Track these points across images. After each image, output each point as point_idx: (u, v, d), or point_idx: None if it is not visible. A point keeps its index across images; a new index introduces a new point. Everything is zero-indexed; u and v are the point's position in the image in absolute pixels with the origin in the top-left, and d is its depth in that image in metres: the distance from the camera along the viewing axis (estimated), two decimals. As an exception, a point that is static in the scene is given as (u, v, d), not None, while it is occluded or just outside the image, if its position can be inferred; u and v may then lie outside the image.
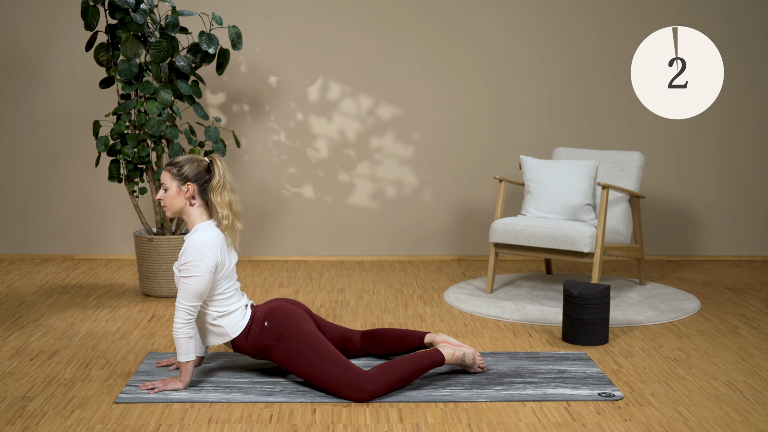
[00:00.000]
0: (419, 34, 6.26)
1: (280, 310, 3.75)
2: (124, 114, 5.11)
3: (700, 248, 6.52)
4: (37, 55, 6.18)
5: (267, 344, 3.70)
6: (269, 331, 3.70)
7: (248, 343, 3.73)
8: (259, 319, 3.74)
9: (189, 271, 3.61)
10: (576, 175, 5.31)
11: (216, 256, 3.64)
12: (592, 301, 4.34)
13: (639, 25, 6.30)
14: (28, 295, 5.27)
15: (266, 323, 3.71)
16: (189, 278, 3.61)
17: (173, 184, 3.73)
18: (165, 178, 3.74)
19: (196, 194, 3.73)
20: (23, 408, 3.50)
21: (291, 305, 3.81)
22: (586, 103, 6.36)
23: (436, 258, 6.43)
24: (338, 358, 3.61)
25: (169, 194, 3.73)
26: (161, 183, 3.77)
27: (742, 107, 6.41)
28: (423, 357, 3.72)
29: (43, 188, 6.28)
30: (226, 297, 3.73)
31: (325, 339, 3.70)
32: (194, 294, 3.61)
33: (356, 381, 3.55)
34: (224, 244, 3.72)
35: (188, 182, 3.72)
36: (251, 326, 3.74)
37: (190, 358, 3.65)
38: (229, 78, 6.24)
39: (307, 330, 3.69)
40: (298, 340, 3.66)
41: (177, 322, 3.62)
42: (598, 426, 3.36)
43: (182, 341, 3.63)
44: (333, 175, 6.34)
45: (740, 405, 3.59)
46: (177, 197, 3.73)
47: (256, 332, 3.72)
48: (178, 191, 3.72)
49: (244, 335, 3.74)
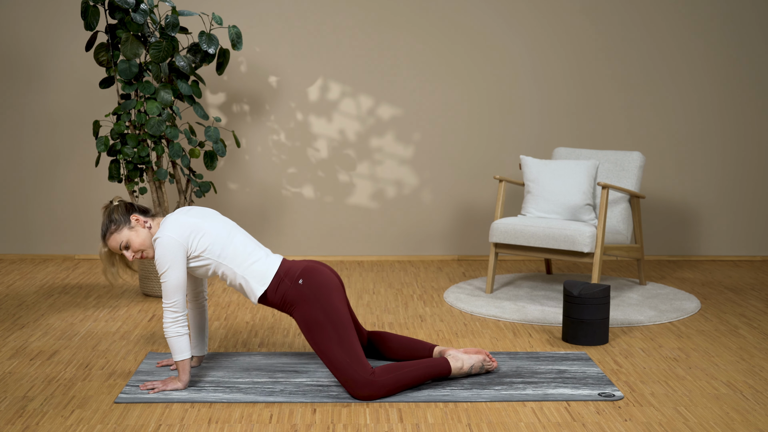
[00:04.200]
0: (419, 34, 6.27)
1: (318, 274, 3.69)
2: (124, 114, 5.11)
3: (700, 248, 6.52)
4: (37, 55, 6.18)
5: (294, 302, 3.65)
6: (301, 289, 3.65)
7: (277, 295, 3.68)
8: (294, 274, 3.68)
9: (160, 268, 3.61)
10: (576, 175, 5.31)
11: (176, 238, 3.60)
12: (592, 301, 4.34)
13: (639, 25, 6.30)
14: (28, 295, 5.27)
15: (300, 281, 3.66)
16: (163, 275, 3.60)
17: (126, 236, 3.69)
18: (115, 242, 3.69)
19: (140, 219, 3.72)
20: (23, 408, 3.50)
21: (329, 271, 3.74)
22: (586, 103, 6.36)
23: (436, 258, 6.43)
24: (354, 348, 3.58)
25: (135, 243, 3.69)
26: (123, 252, 3.71)
27: (742, 107, 6.41)
28: (430, 367, 3.70)
29: (43, 188, 6.28)
30: (242, 252, 3.68)
31: (351, 323, 3.64)
32: (173, 289, 3.59)
33: (362, 379, 3.54)
34: (185, 220, 3.66)
35: (130, 219, 3.70)
36: (284, 279, 3.68)
37: (185, 356, 3.64)
38: (229, 78, 6.24)
39: (337, 306, 3.64)
40: (324, 312, 3.61)
41: (164, 322, 3.62)
42: (598, 426, 3.36)
43: (173, 340, 3.62)
44: (333, 175, 6.34)
45: (740, 405, 3.59)
46: (140, 237, 3.70)
47: (288, 286, 3.66)
48: (133, 232, 3.70)
49: (275, 286, 3.68)
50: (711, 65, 6.37)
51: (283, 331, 4.60)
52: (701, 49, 6.35)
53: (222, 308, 5.03)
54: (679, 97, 6.39)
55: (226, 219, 3.80)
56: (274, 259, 3.74)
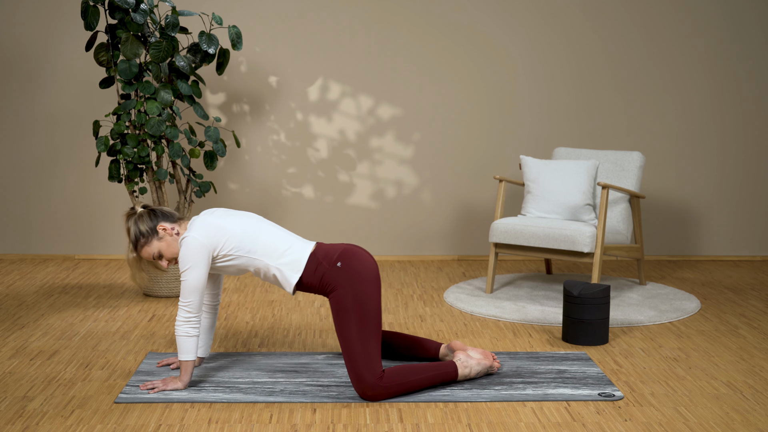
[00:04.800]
0: (419, 34, 6.27)
1: (357, 259, 3.67)
2: (124, 114, 5.11)
3: (700, 248, 6.52)
4: (37, 55, 6.18)
5: (332, 284, 3.64)
6: (339, 272, 3.64)
7: (315, 277, 3.66)
8: (333, 257, 3.67)
9: (182, 266, 3.62)
10: (576, 175, 5.31)
11: (200, 239, 3.61)
12: (592, 301, 4.34)
13: (639, 25, 6.30)
14: (28, 295, 5.27)
15: (339, 264, 3.65)
16: (183, 273, 3.61)
17: (156, 247, 3.72)
18: (147, 254, 3.72)
19: (167, 228, 3.72)
20: (23, 408, 3.50)
21: (368, 257, 3.71)
22: (586, 103, 6.36)
23: (436, 258, 6.43)
24: (370, 345, 3.57)
25: (167, 253, 3.73)
26: (153, 260, 3.75)
27: (742, 107, 6.41)
28: (439, 376, 3.70)
29: (43, 188, 6.28)
30: (272, 244, 3.69)
31: (378, 317, 3.62)
32: (190, 289, 3.60)
33: (369, 379, 3.54)
34: (212, 221, 3.67)
35: (157, 230, 3.71)
36: (322, 261, 3.67)
37: (190, 358, 3.64)
38: (229, 78, 6.24)
39: (369, 295, 3.62)
40: (355, 299, 3.60)
41: (177, 319, 3.63)
42: (598, 426, 3.36)
43: (181, 339, 3.62)
44: (333, 175, 6.34)
45: (740, 405, 3.59)
46: (170, 246, 3.73)
47: (326, 269, 3.65)
48: (163, 242, 3.72)
49: (312, 269, 3.67)
50: (711, 65, 6.37)
51: (283, 331, 4.60)
52: (701, 49, 6.35)
53: (222, 308, 5.03)
54: (679, 97, 6.39)
55: (251, 214, 3.81)
56: (306, 245, 3.75)
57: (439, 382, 3.72)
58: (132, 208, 3.79)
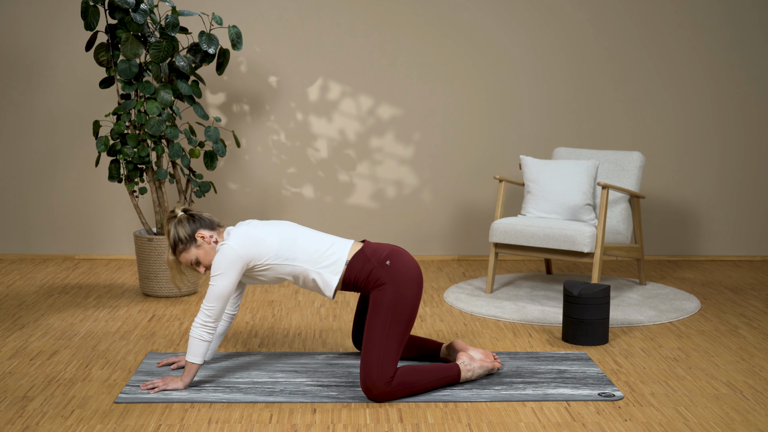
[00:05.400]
0: (419, 34, 6.27)
1: (404, 260, 3.69)
2: (124, 114, 5.11)
3: (700, 248, 6.52)
4: (37, 55, 6.18)
5: (378, 281, 3.65)
6: (388, 269, 3.65)
7: (362, 274, 3.67)
8: (381, 254, 3.69)
9: (214, 272, 3.64)
10: (576, 175, 5.31)
11: (237, 250, 3.62)
12: (592, 301, 4.34)
13: (639, 25, 6.30)
14: (28, 295, 5.27)
15: (388, 262, 3.67)
16: (213, 278, 3.63)
17: (194, 254, 3.75)
18: (185, 260, 3.75)
19: (206, 236, 3.73)
20: (23, 408, 3.50)
21: (414, 261, 3.73)
22: (586, 103, 6.36)
23: (436, 258, 6.43)
24: (391, 349, 3.57)
25: (204, 260, 3.75)
26: (190, 265, 3.78)
27: (742, 107, 6.41)
28: (443, 379, 3.70)
29: (43, 188, 6.28)
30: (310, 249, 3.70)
31: (410, 323, 3.64)
32: (216, 295, 3.62)
33: (378, 382, 3.53)
34: (250, 231, 3.68)
35: (196, 238, 3.73)
36: (370, 258, 3.68)
37: (197, 361, 3.65)
38: (229, 78, 6.24)
39: (407, 299, 3.63)
40: (393, 299, 3.62)
41: (195, 321, 3.64)
42: (598, 426, 3.36)
43: (194, 341, 3.64)
44: (333, 175, 6.34)
45: (740, 405, 3.59)
46: (208, 254, 3.75)
47: (374, 266, 3.67)
48: (201, 249, 3.74)
49: (359, 266, 3.69)
50: (711, 65, 6.37)
51: (283, 331, 4.60)
52: (701, 49, 6.35)
53: (222, 308, 5.03)
54: (679, 97, 6.39)
55: (287, 222, 3.82)
56: (346, 243, 3.76)
57: (444, 384, 3.72)
58: (172, 210, 3.79)
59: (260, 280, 3.78)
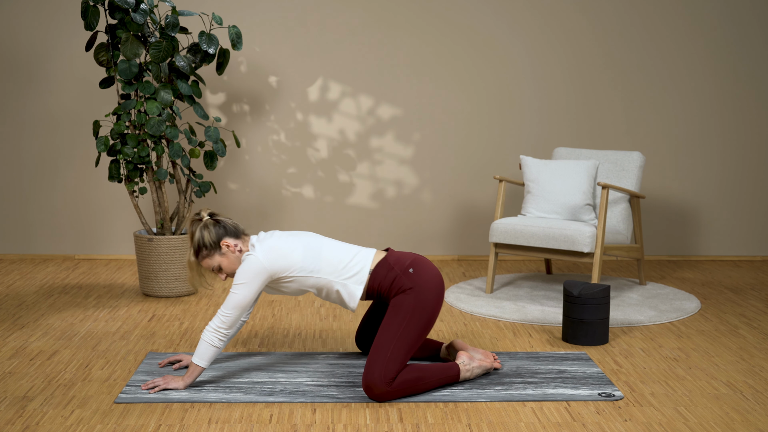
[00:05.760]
0: (419, 34, 6.27)
1: (427, 269, 3.71)
2: (124, 114, 5.11)
3: (700, 248, 6.52)
4: (37, 55, 6.18)
5: (402, 288, 3.67)
6: (410, 277, 3.67)
7: (385, 282, 3.69)
8: (404, 263, 3.70)
9: (237, 280, 3.65)
10: (576, 175, 5.31)
11: (263, 262, 3.64)
12: (592, 301, 4.34)
13: (639, 25, 6.30)
14: (28, 295, 5.27)
15: (411, 270, 3.69)
16: (235, 286, 3.65)
17: (217, 261, 3.76)
18: (207, 265, 3.77)
19: (231, 245, 3.74)
20: (23, 408, 3.50)
21: (437, 271, 3.75)
22: (586, 103, 6.36)
23: (436, 258, 6.43)
24: (401, 353, 3.58)
25: (227, 268, 3.77)
26: (211, 270, 3.79)
27: (742, 107, 6.41)
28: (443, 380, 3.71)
29: (43, 188, 6.28)
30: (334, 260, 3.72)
31: (425, 330, 3.65)
32: (235, 303, 3.63)
33: (379, 383, 3.53)
34: (276, 244, 3.69)
35: (221, 246, 3.74)
36: (393, 267, 3.70)
37: (202, 365, 3.66)
38: (229, 78, 6.24)
39: (429, 306, 3.65)
40: (414, 306, 3.63)
41: (209, 325, 3.65)
42: (598, 426, 3.36)
43: (204, 345, 3.64)
44: (333, 175, 6.34)
45: (740, 405, 3.59)
46: (231, 263, 3.76)
47: (397, 273, 3.68)
48: (225, 258, 3.75)
49: (383, 274, 3.70)
50: (711, 65, 6.37)
51: (283, 331, 4.60)
52: (701, 49, 6.35)
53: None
54: (679, 97, 6.39)
55: (311, 234, 3.83)
56: (369, 252, 3.78)
57: (443, 384, 3.73)
58: (198, 213, 3.80)
59: (283, 292, 3.80)
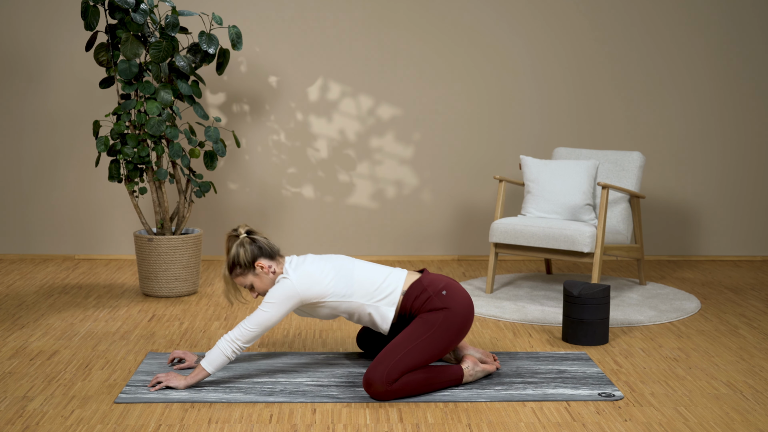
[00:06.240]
0: (419, 34, 6.27)
1: (460, 293, 3.74)
2: (124, 114, 5.11)
3: (700, 248, 6.52)
4: (37, 55, 6.18)
5: (433, 307, 3.69)
6: (443, 298, 3.70)
7: (418, 301, 3.72)
8: (438, 285, 3.73)
9: (268, 299, 3.67)
10: (576, 175, 5.31)
11: (297, 289, 3.67)
12: (592, 301, 4.34)
13: (639, 25, 6.30)
14: (28, 295, 5.27)
15: (444, 292, 3.72)
16: (265, 304, 3.66)
17: (250, 280, 3.78)
18: (240, 283, 3.80)
19: (265, 266, 3.75)
20: (23, 408, 3.50)
21: (469, 298, 3.78)
22: (586, 103, 6.36)
23: (436, 258, 6.43)
24: (410, 362, 3.60)
25: (259, 288, 3.79)
26: (245, 287, 3.82)
27: (742, 107, 6.41)
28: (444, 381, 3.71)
29: (43, 188, 6.28)
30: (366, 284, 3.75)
31: (441, 351, 3.68)
32: (260, 322, 3.64)
33: (380, 380, 3.54)
34: (311, 270, 3.72)
35: (255, 267, 3.75)
36: (427, 288, 3.73)
37: (209, 370, 3.66)
38: (229, 78, 6.24)
39: (455, 330, 3.69)
40: (440, 324, 3.66)
41: (228, 334, 3.66)
42: (598, 426, 3.36)
43: (216, 352, 3.65)
44: (333, 175, 6.34)
45: (740, 405, 3.59)
46: (264, 283, 3.78)
47: (431, 294, 3.71)
48: (258, 278, 3.77)
49: (416, 293, 3.72)
50: (711, 65, 6.37)
51: (283, 331, 4.60)
52: (701, 49, 6.35)
53: (222, 308, 5.03)
54: (679, 97, 6.39)
55: (342, 257, 3.84)
56: (399, 275, 3.81)
57: (446, 384, 3.73)
58: (235, 229, 3.81)
59: (315, 316, 3.82)
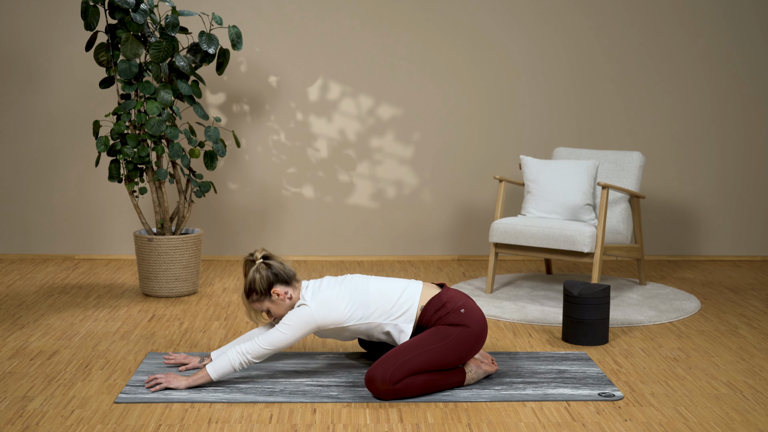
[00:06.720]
0: (419, 33, 6.27)
1: (477, 313, 3.76)
2: (124, 114, 5.11)
3: (700, 248, 6.52)
4: (37, 55, 6.18)
5: (450, 321, 3.71)
6: (460, 315, 3.72)
7: (435, 316, 3.73)
8: (457, 303, 3.75)
9: (286, 321, 3.69)
10: (576, 175, 5.31)
11: (316, 317, 3.68)
12: (592, 301, 4.34)
13: (639, 25, 6.30)
14: (28, 295, 5.27)
15: (463, 310, 3.73)
16: (282, 326, 3.68)
17: (266, 306, 3.80)
18: (257, 308, 3.81)
19: (281, 293, 3.76)
20: (23, 408, 3.50)
21: (485, 319, 3.80)
22: (586, 103, 6.36)
23: (436, 258, 6.43)
24: (417, 363, 3.61)
25: (275, 313, 3.80)
26: (263, 312, 3.83)
27: (742, 107, 6.41)
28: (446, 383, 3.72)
29: (43, 188, 6.28)
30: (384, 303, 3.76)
31: (449, 365, 3.69)
32: (273, 342, 3.66)
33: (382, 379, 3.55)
34: (329, 298, 3.73)
35: (271, 294, 3.76)
36: (446, 303, 3.75)
37: (213, 377, 3.67)
38: (229, 78, 6.24)
39: (467, 347, 3.70)
40: (454, 337, 3.68)
41: (242, 346, 3.66)
42: (598, 426, 3.36)
43: (224, 360, 3.65)
44: (333, 175, 6.34)
45: (740, 405, 3.59)
46: (280, 309, 3.79)
47: (449, 310, 3.73)
48: (275, 304, 3.78)
49: (435, 308, 3.74)
50: (711, 65, 6.37)
51: (283, 331, 4.60)
52: (701, 49, 6.35)
53: (222, 308, 5.03)
54: (679, 97, 6.39)
55: (357, 277, 3.85)
56: (415, 288, 3.82)
57: (448, 386, 3.73)
58: (252, 254, 3.82)
59: (334, 337, 3.84)
